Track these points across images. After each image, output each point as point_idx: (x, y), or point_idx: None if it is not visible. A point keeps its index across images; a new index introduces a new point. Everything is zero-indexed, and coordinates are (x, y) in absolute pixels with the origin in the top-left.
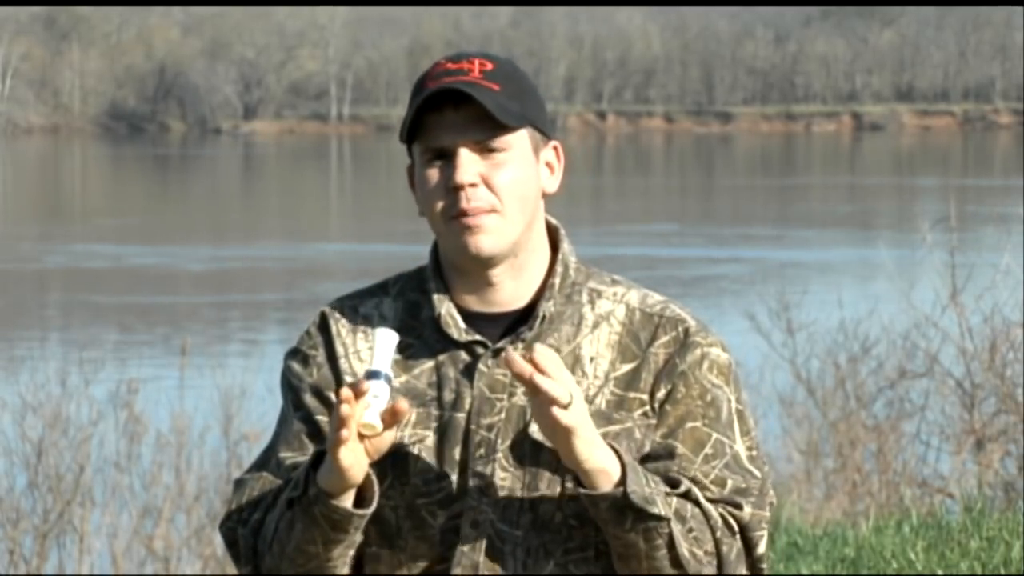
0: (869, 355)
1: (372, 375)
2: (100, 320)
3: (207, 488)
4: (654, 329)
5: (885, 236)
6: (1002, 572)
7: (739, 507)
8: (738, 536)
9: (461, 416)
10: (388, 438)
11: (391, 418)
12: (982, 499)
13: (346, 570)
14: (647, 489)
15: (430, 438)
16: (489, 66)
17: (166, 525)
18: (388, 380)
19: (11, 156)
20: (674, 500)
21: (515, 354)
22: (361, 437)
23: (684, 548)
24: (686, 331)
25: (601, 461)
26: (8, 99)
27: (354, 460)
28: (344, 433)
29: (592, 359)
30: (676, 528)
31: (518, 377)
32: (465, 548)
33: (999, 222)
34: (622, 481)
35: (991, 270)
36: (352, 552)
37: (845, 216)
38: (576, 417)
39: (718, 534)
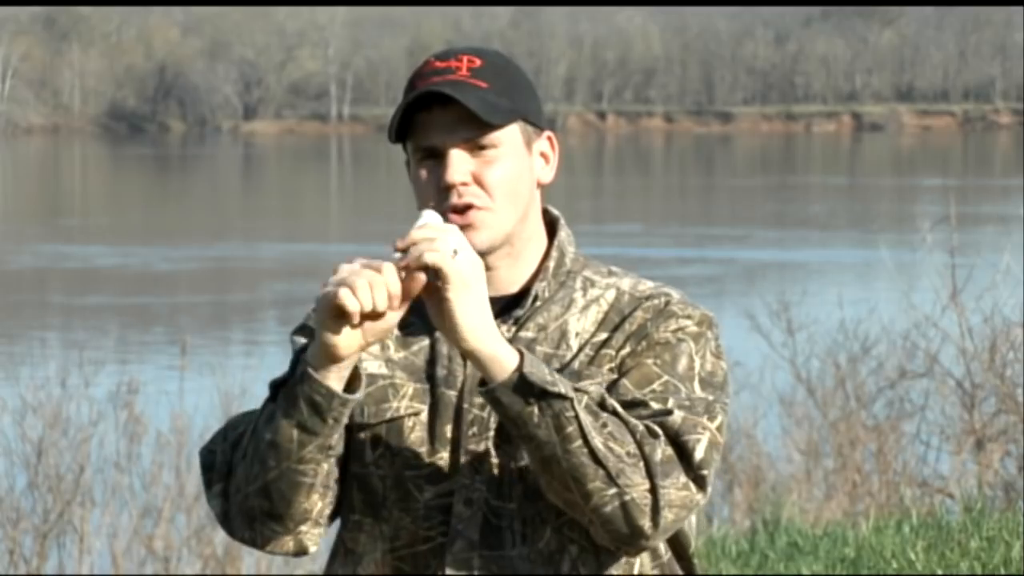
0: (869, 355)
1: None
2: (100, 320)
3: None
4: (638, 303)
5: (885, 236)
6: (1002, 572)
7: (668, 413)
8: (663, 439)
9: (452, 393)
10: (391, 320)
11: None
12: (982, 499)
13: (314, 497)
14: (548, 376)
15: (424, 413)
16: (477, 63)
17: (166, 525)
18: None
19: (11, 156)
20: (584, 397)
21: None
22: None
23: (598, 440)
24: (667, 302)
25: (499, 348)
26: (8, 99)
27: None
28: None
29: (577, 334)
30: (586, 419)
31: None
32: (460, 527)
33: (999, 222)
34: (520, 367)
35: (991, 270)
36: (326, 468)
37: (845, 216)
38: (465, 269)
39: (638, 436)
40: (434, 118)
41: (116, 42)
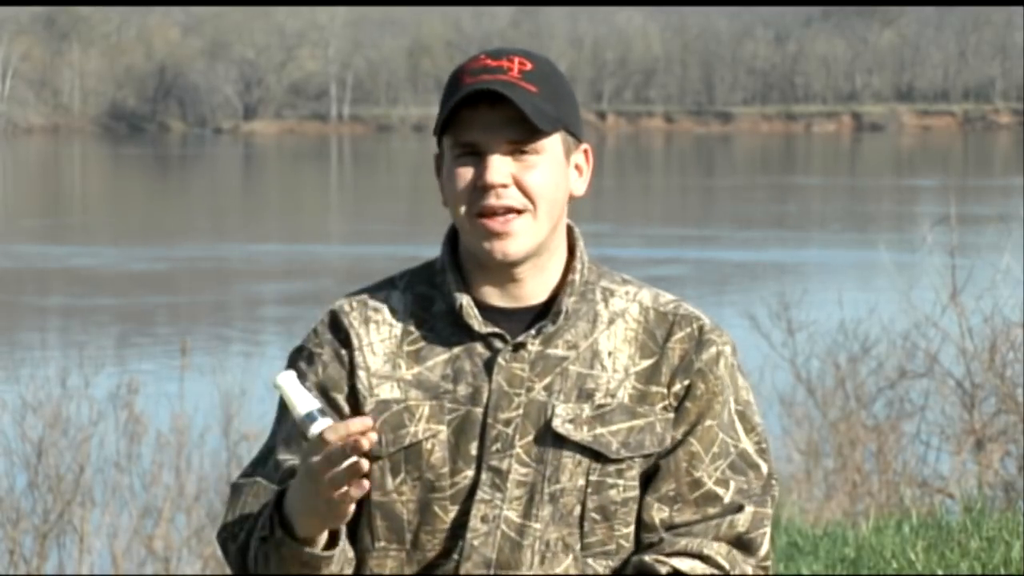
0: (869, 355)
1: (311, 417)
2: (100, 320)
3: (207, 488)
4: (669, 326)
5: (885, 236)
6: (1002, 572)
7: (739, 509)
8: (735, 551)
9: (478, 411)
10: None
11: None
12: (982, 499)
13: None
14: None
15: (444, 432)
16: (528, 66)
17: (166, 525)
18: (324, 412)
19: (11, 156)
20: None
21: None
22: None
23: None
24: (700, 328)
25: None
26: (8, 99)
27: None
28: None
29: (610, 353)
30: None
31: None
32: (475, 543)
33: (999, 222)
34: None
35: (991, 270)
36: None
37: (845, 216)
38: None
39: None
40: (480, 116)
41: (116, 42)
